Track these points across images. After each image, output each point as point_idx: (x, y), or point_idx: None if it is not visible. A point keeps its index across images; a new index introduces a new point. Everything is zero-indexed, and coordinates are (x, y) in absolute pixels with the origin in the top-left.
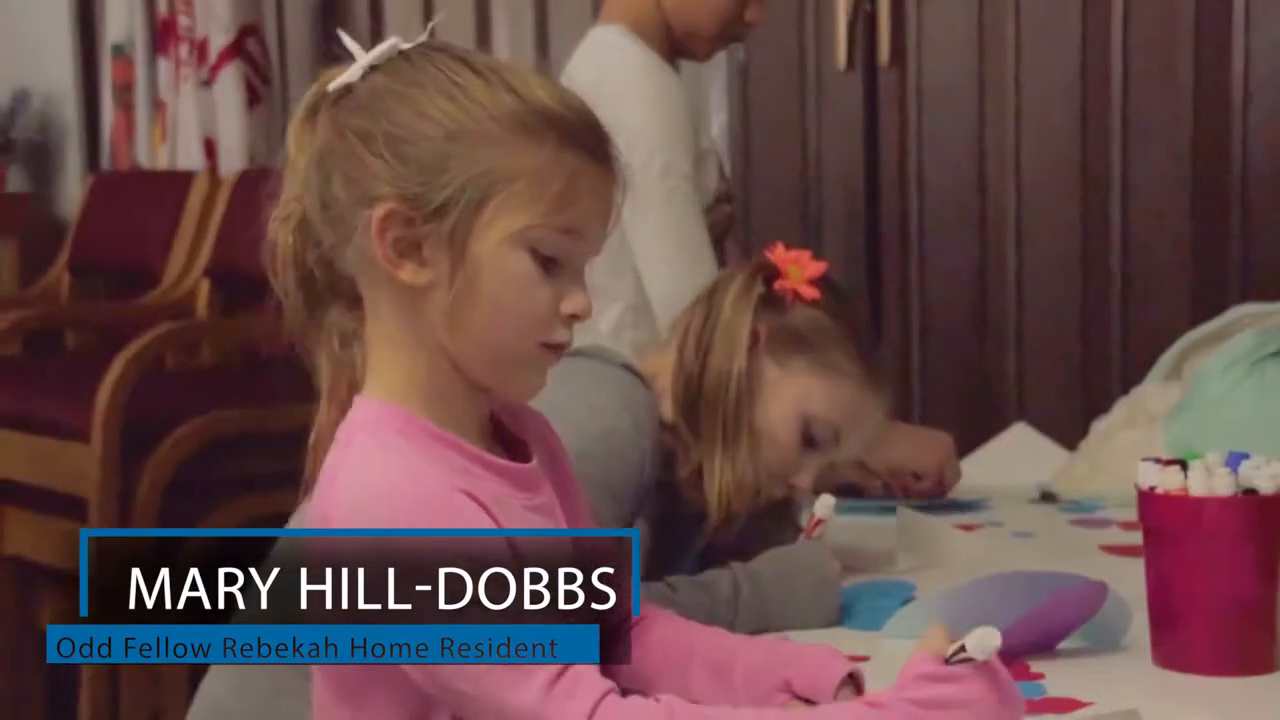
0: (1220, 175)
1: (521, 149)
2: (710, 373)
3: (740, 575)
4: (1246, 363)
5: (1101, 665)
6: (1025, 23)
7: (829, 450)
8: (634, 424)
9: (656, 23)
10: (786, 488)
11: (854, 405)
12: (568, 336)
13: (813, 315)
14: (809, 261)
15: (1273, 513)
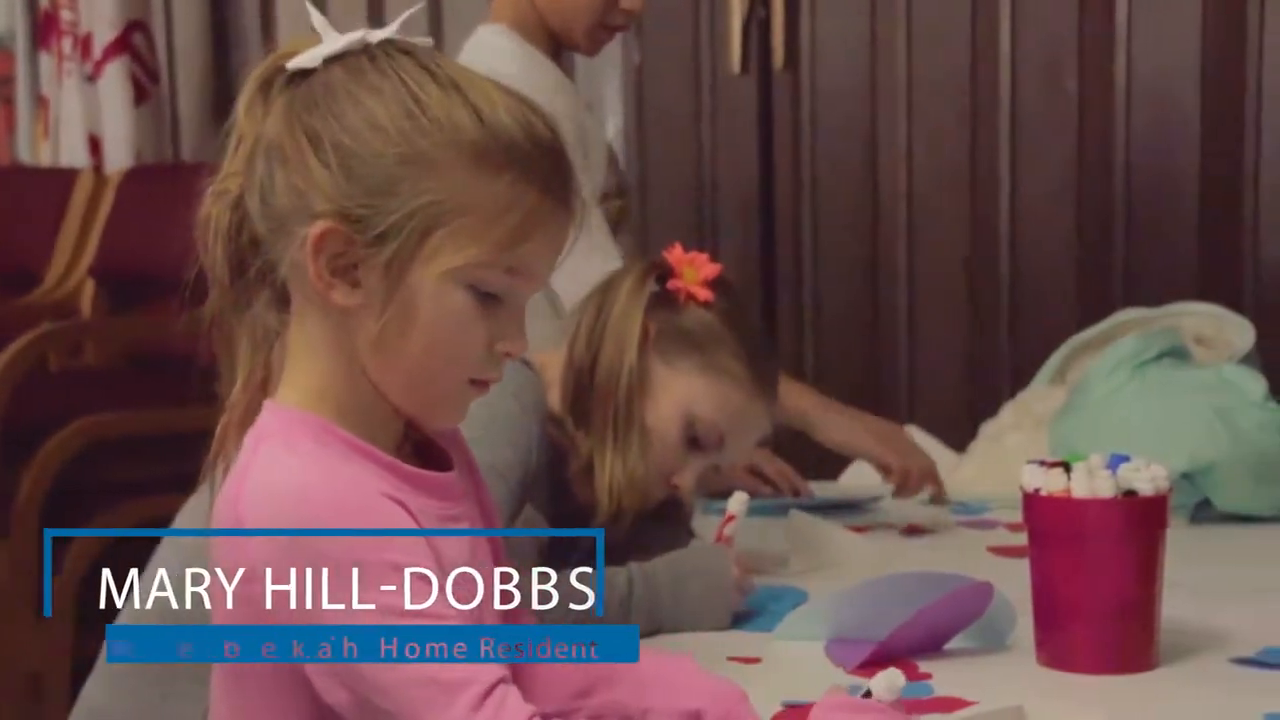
0: (1105, 181)
1: (477, 181)
2: (601, 368)
3: (636, 575)
4: (1129, 366)
5: (987, 665)
6: (916, 28)
7: (712, 453)
8: (521, 408)
9: (534, 19)
10: (668, 488)
11: (740, 410)
12: (498, 375)
13: (704, 317)
14: (705, 263)
15: (1152, 514)
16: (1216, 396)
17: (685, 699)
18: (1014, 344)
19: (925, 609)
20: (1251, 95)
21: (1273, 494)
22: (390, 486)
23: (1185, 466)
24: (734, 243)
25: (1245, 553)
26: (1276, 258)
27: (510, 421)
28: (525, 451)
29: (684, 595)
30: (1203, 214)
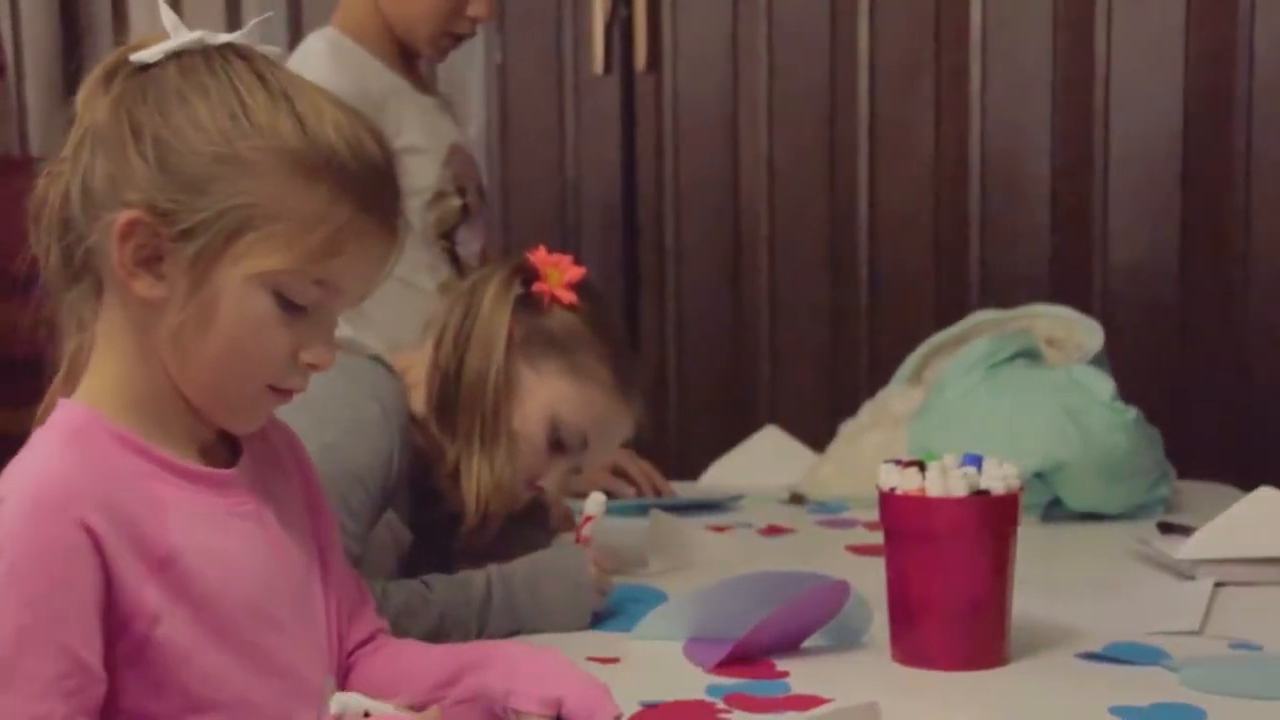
0: (961, 185)
1: (292, 189)
2: (468, 371)
3: (494, 577)
4: (984, 367)
5: (843, 662)
6: (777, 31)
7: (576, 455)
8: (382, 413)
9: (378, 25)
10: (532, 490)
11: (603, 412)
12: (300, 383)
13: (568, 320)
14: (569, 266)
15: (1004, 512)
16: (1067, 397)
17: (549, 686)
18: (873, 345)
19: (782, 608)
20: (1099, 102)
21: (1120, 492)
22: (158, 482)
23: (1037, 466)
24: (596, 244)
25: (1094, 550)
26: (1125, 261)
27: (372, 426)
28: (386, 457)
29: (543, 596)
30: (1054, 218)
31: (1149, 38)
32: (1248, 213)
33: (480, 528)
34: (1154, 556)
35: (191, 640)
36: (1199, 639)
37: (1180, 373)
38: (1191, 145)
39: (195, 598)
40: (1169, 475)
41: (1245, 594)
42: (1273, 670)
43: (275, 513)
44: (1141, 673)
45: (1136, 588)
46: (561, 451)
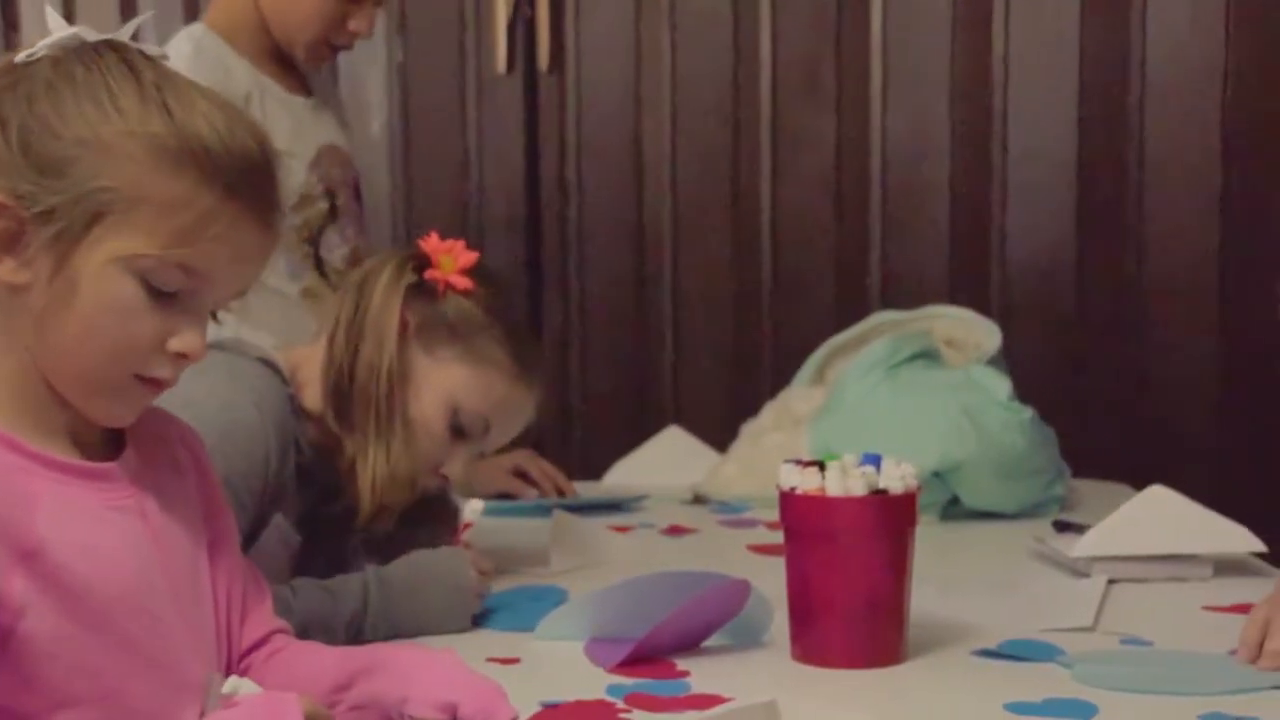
0: (862, 186)
1: (154, 175)
2: (361, 363)
3: (372, 581)
4: (883, 367)
5: (743, 661)
6: (680, 31)
7: (479, 440)
8: (262, 418)
9: (253, 23)
10: (437, 478)
11: (504, 396)
12: (169, 373)
13: (464, 305)
14: (462, 251)
15: (902, 511)
16: (965, 397)
17: (443, 691)
18: (775, 346)
19: (683, 607)
20: (998, 105)
21: (1016, 491)
22: (28, 476)
23: (935, 465)
24: (499, 244)
25: (990, 548)
26: (1022, 262)
27: (248, 431)
28: (262, 463)
29: (422, 599)
30: (953, 220)
31: (1045, 41)
32: (1141, 214)
33: (375, 520)
34: (1049, 554)
35: (60, 634)
36: (1092, 635)
37: (1075, 373)
38: (1086, 147)
39: (64, 591)
40: (1064, 474)
41: (1137, 591)
42: (1162, 665)
43: (161, 507)
44: (1036, 669)
45: (1032, 585)
46: (463, 438)
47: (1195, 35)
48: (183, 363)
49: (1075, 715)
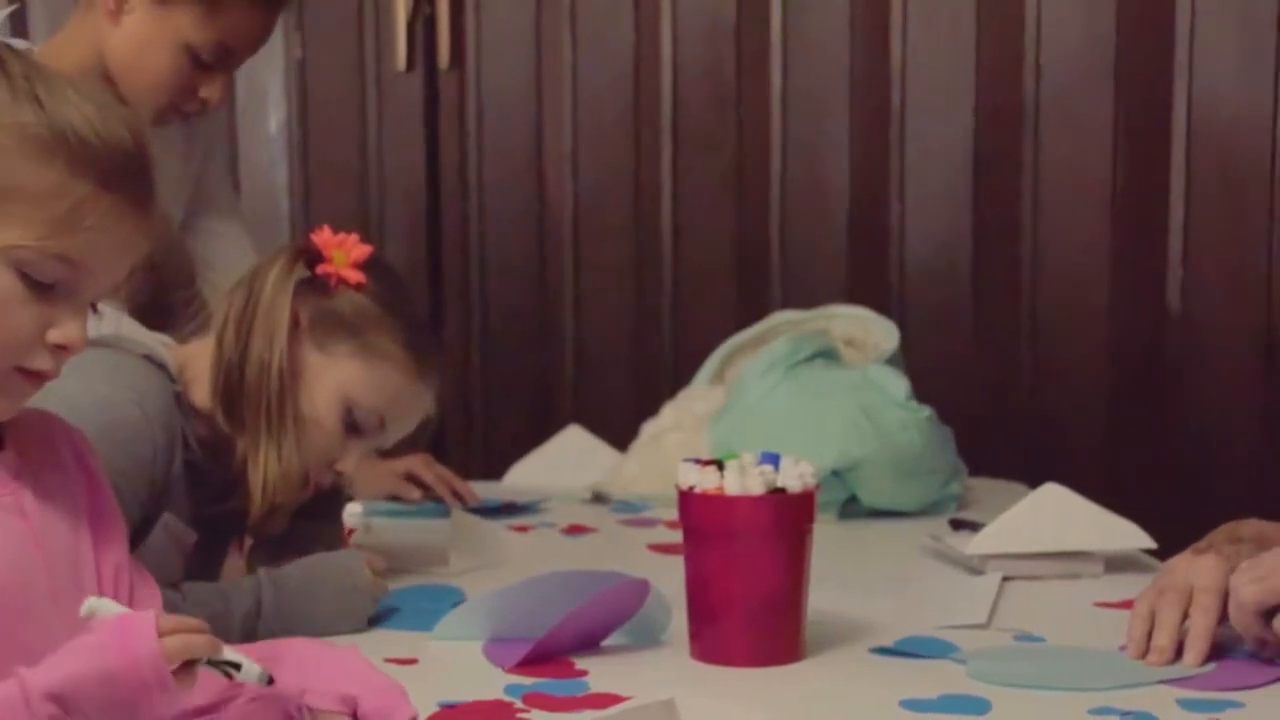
0: (762, 185)
1: (24, 166)
2: (252, 360)
3: (265, 582)
4: (783, 367)
5: (642, 660)
6: (580, 30)
7: (374, 436)
8: (144, 416)
9: (96, 73)
10: (331, 474)
11: (399, 391)
12: (49, 365)
13: (357, 300)
14: (355, 245)
15: (800, 510)
16: (863, 396)
17: (344, 684)
18: (676, 345)
19: (582, 607)
20: (896, 105)
21: (914, 490)
22: None
23: (834, 464)
24: (400, 243)
25: (888, 546)
26: (920, 263)
27: (130, 429)
28: (146, 462)
29: (316, 600)
30: (852, 220)
31: (942, 44)
32: (1036, 216)
33: (267, 519)
34: (945, 552)
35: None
36: (986, 632)
37: (972, 372)
38: (982, 149)
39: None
40: (960, 473)
41: (1031, 588)
42: (1054, 661)
43: (42, 505)
44: (931, 666)
45: (928, 583)
46: (358, 434)
47: (1087, 38)
48: (63, 355)
49: (969, 711)
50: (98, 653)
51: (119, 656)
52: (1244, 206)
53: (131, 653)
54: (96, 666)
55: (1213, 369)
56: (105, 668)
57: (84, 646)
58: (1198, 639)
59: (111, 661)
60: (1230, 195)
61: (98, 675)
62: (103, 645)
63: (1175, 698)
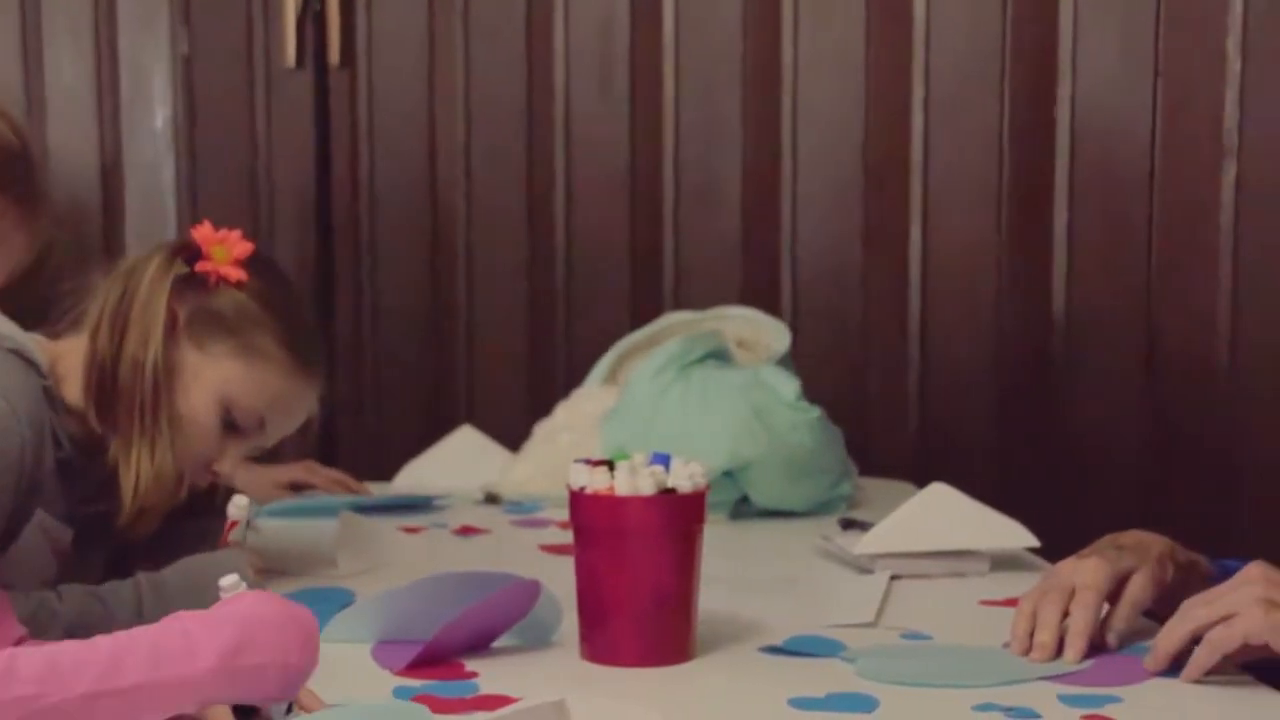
0: (655, 186)
1: None
2: (125, 358)
3: (145, 585)
4: (675, 367)
5: (533, 661)
6: (473, 27)
7: (254, 437)
8: (10, 411)
9: None
10: (209, 475)
11: (279, 391)
12: None
13: (237, 298)
14: (237, 241)
15: (690, 510)
16: (754, 397)
17: None
18: (569, 345)
19: (472, 608)
20: (788, 108)
21: (804, 490)
22: None
23: (725, 464)
24: (290, 241)
25: (779, 546)
26: (811, 264)
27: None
28: (13, 459)
29: (199, 602)
30: (744, 221)
31: (832, 47)
32: (924, 217)
33: (137, 520)
34: (835, 552)
35: None
36: (874, 630)
37: (861, 373)
38: (872, 151)
39: None
40: (850, 473)
41: (918, 586)
42: (940, 659)
43: None
44: (819, 664)
45: (818, 582)
46: (237, 434)
47: (975, 42)
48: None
49: (856, 709)
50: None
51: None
52: (1125, 209)
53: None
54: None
55: (1096, 370)
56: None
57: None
58: (1077, 636)
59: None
60: (1112, 197)
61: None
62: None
63: (1056, 693)
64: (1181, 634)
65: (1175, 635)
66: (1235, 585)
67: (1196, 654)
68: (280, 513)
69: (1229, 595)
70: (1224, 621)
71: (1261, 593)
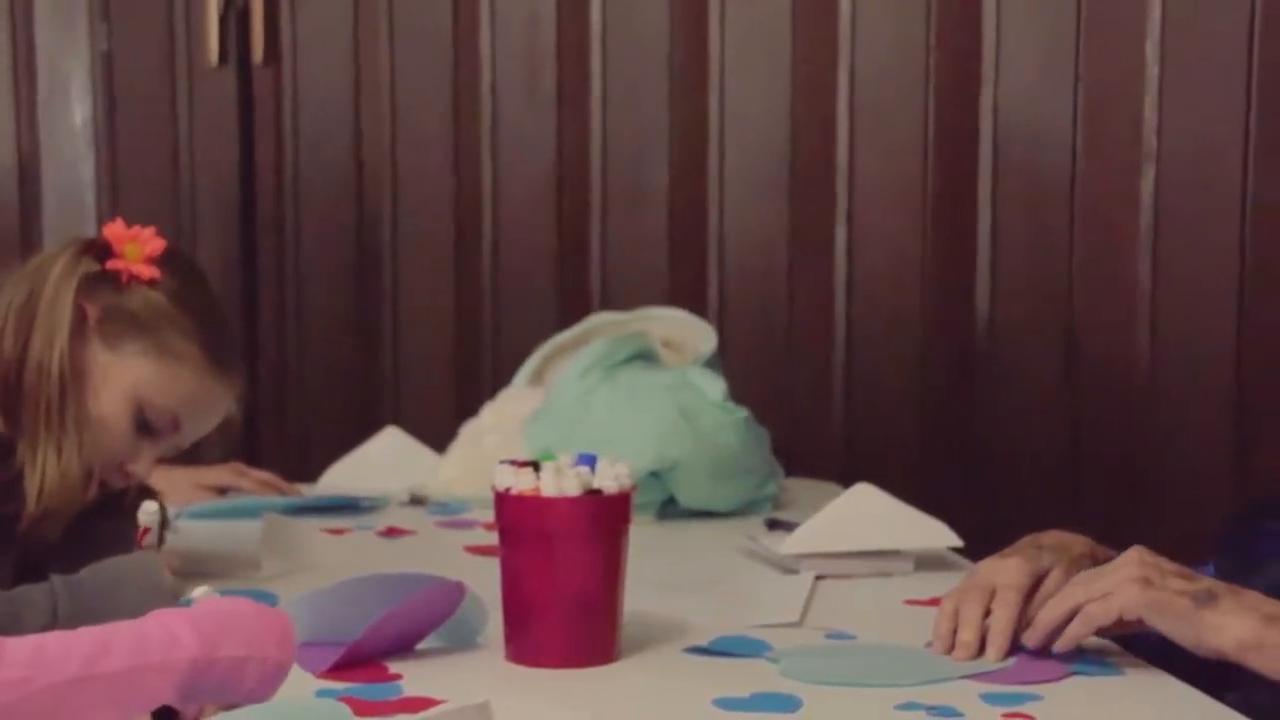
0: (582, 187)
1: None
2: (31, 358)
3: (60, 588)
4: (601, 368)
5: (457, 663)
6: (398, 26)
7: (168, 437)
8: None
9: None
10: (122, 476)
11: (194, 391)
12: None
13: (150, 297)
14: (150, 239)
15: (616, 511)
16: (681, 397)
17: None
18: (496, 346)
19: (396, 610)
20: (715, 109)
21: (731, 490)
22: None
23: (652, 465)
24: (214, 241)
25: (705, 547)
26: (738, 265)
27: None
28: None
29: (116, 604)
30: (671, 222)
31: (759, 48)
32: (850, 220)
33: (41, 522)
34: (760, 552)
35: None
36: (799, 630)
37: (787, 374)
38: (799, 153)
39: None
40: (777, 473)
41: (843, 586)
42: (864, 658)
43: None
44: (744, 664)
45: (743, 583)
46: (150, 435)
47: (899, 47)
48: None
49: (780, 709)
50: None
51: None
52: (1047, 212)
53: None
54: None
55: (1018, 371)
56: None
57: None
58: (998, 635)
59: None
60: (1034, 201)
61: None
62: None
63: (978, 692)
64: (1061, 611)
65: (1055, 612)
66: (1115, 567)
67: (1071, 625)
68: (204, 514)
69: (1107, 576)
70: (1102, 598)
71: (1138, 572)
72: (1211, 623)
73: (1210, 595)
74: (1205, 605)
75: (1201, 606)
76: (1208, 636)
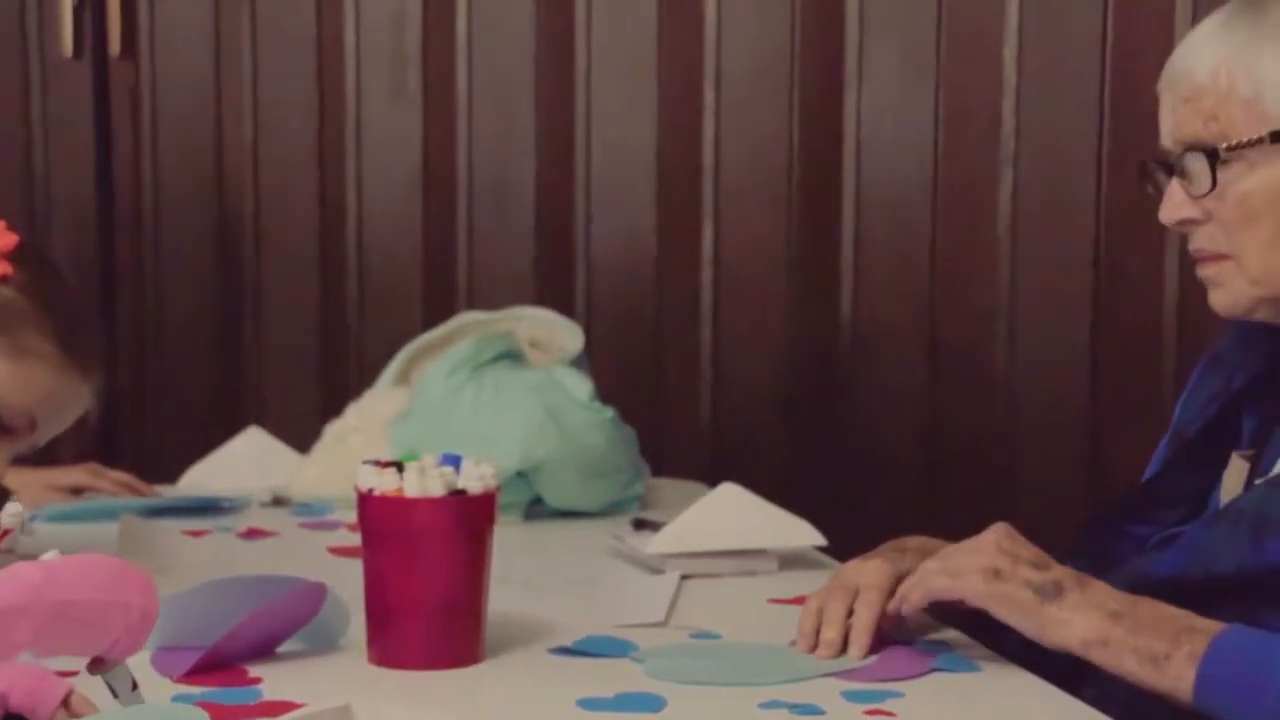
0: (449, 187)
1: None
2: None
3: None
4: (467, 368)
5: (318, 666)
6: (260, 22)
7: (24, 436)
8: None
9: None
10: None
11: (50, 389)
12: None
13: (2, 293)
14: (1, 234)
15: (480, 512)
16: (547, 397)
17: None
18: (361, 345)
19: (256, 612)
20: (581, 105)
21: (597, 490)
22: None
23: (517, 465)
24: (68, 240)
25: (572, 547)
26: (605, 264)
27: None
28: None
29: None
30: (538, 222)
31: (625, 47)
32: (716, 218)
33: None
34: (626, 552)
35: None
36: (664, 630)
37: (654, 373)
38: (665, 151)
39: None
40: (643, 473)
41: (709, 585)
42: (728, 657)
43: None
44: (609, 664)
45: (609, 583)
46: (5, 434)
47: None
48: None
49: (644, 709)
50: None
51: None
52: (909, 216)
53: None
54: None
55: (881, 372)
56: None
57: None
58: (860, 632)
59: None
60: (897, 204)
61: None
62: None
63: (840, 690)
64: (918, 586)
65: (913, 588)
66: (972, 549)
67: (912, 590)
68: (59, 516)
69: (962, 556)
70: (951, 575)
71: (988, 562)
72: (1056, 618)
73: (1057, 588)
74: (1051, 600)
75: (1047, 601)
76: (1051, 632)
